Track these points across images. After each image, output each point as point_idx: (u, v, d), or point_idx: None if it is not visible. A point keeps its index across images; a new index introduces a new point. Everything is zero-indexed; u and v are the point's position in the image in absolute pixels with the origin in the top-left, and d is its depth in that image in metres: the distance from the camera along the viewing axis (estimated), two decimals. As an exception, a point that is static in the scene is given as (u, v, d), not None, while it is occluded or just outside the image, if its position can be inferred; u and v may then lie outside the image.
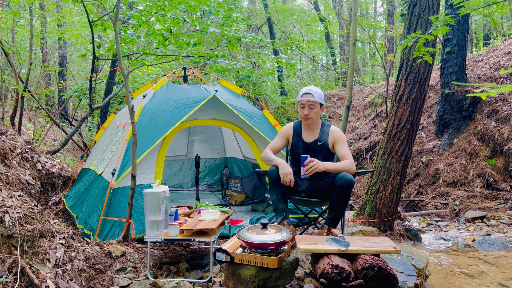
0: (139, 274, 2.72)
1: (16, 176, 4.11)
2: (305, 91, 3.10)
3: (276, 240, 2.32)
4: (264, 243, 2.31)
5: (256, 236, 2.36)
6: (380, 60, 11.75)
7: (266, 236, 2.35)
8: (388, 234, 4.05)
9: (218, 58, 6.31)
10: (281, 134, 3.24)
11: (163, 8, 5.25)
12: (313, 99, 3.05)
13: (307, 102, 3.07)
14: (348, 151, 3.05)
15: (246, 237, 2.35)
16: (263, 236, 2.36)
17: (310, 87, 3.15)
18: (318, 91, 3.11)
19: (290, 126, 3.25)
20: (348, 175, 2.81)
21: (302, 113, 3.10)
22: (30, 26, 6.40)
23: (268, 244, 2.30)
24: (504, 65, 7.37)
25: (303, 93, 3.10)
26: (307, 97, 3.06)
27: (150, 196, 2.61)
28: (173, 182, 6.18)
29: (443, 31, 3.40)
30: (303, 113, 3.09)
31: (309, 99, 3.06)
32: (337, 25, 16.12)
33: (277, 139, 3.22)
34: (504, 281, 3.01)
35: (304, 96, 3.08)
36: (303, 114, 3.09)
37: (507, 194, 5.58)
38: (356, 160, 8.08)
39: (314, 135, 3.16)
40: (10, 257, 2.34)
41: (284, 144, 3.23)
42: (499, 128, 6.24)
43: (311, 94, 3.07)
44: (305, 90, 3.11)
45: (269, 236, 2.35)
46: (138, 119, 3.78)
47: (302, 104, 3.09)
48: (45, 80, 10.98)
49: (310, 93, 3.08)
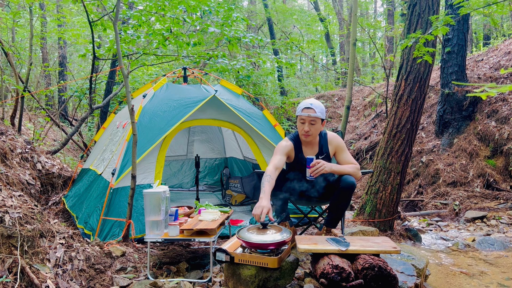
0: (139, 274, 2.73)
1: (16, 176, 4.11)
2: (306, 106, 2.84)
3: (276, 240, 2.31)
4: (264, 243, 2.31)
5: (256, 236, 2.36)
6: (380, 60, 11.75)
7: (266, 236, 2.35)
8: (388, 234, 4.05)
9: (218, 58, 6.31)
10: (281, 151, 2.92)
11: (163, 8, 5.25)
12: (315, 115, 2.81)
13: (308, 118, 2.82)
14: (351, 157, 2.99)
15: (246, 237, 2.35)
16: (263, 236, 2.36)
17: (311, 100, 2.88)
18: (320, 105, 2.87)
19: (289, 143, 2.98)
20: (350, 178, 2.79)
21: (302, 129, 2.87)
22: (30, 26, 6.40)
23: (268, 244, 2.30)
24: (504, 65, 7.37)
25: (303, 108, 2.84)
26: (308, 113, 2.81)
27: (150, 196, 2.61)
28: (173, 182, 6.18)
29: (443, 31, 3.40)
30: (303, 130, 2.85)
31: (310, 115, 2.81)
32: (337, 25, 16.12)
33: (279, 156, 2.88)
34: (504, 281, 3.01)
35: (305, 111, 2.83)
36: (303, 131, 2.86)
37: (507, 194, 5.58)
38: (356, 160, 8.08)
39: (314, 149, 2.99)
40: (10, 257, 2.34)
41: (284, 161, 2.92)
42: (499, 128, 6.25)
43: (312, 109, 2.82)
44: (305, 104, 2.85)
45: (269, 236, 2.35)
46: (138, 119, 3.78)
47: (302, 120, 2.85)
48: (45, 80, 10.99)
49: (311, 108, 2.82)
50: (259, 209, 2.42)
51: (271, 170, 2.70)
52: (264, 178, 2.65)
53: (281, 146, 2.95)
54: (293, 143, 2.98)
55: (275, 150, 2.95)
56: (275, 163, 2.79)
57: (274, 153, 2.92)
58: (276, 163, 2.80)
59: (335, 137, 3.03)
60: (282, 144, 2.97)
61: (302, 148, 2.99)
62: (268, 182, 2.60)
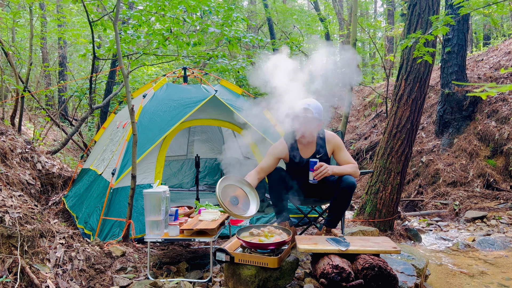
0: (139, 274, 2.72)
1: (16, 176, 4.11)
2: (303, 106, 2.79)
3: (276, 240, 2.32)
4: (264, 243, 2.31)
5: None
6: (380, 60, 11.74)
7: (266, 236, 2.35)
8: (388, 234, 4.05)
9: (218, 58, 6.31)
10: (272, 154, 2.87)
11: (163, 8, 5.25)
12: (312, 116, 2.78)
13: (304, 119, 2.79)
14: (349, 156, 2.99)
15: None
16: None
17: (308, 101, 2.82)
18: (318, 106, 2.81)
19: (282, 145, 2.92)
20: (351, 178, 2.79)
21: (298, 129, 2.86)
22: (30, 26, 6.40)
23: (268, 244, 2.31)
24: (504, 65, 7.37)
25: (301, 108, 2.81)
26: (305, 113, 2.78)
27: (150, 196, 2.61)
28: (173, 182, 6.18)
29: (443, 31, 3.40)
30: (300, 131, 2.85)
31: (308, 116, 2.78)
32: (337, 25, 16.12)
33: (267, 159, 2.85)
34: (504, 281, 3.01)
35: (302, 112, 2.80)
36: (300, 132, 2.85)
37: (507, 194, 5.58)
38: (356, 160, 8.08)
39: (311, 149, 2.96)
40: (10, 257, 2.34)
41: (274, 164, 2.88)
42: (499, 128, 6.25)
43: (310, 110, 2.77)
44: (303, 105, 2.80)
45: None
46: (138, 119, 3.78)
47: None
48: (45, 80, 10.98)
49: (308, 109, 2.77)
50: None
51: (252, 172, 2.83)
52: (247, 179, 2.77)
53: (272, 147, 2.96)
54: (289, 143, 2.95)
55: (268, 150, 2.95)
56: (261, 165, 2.87)
57: (266, 153, 2.94)
58: (262, 164, 2.87)
59: (333, 137, 3.00)
60: (275, 145, 2.96)
61: (298, 147, 2.96)
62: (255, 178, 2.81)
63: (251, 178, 2.78)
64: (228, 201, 2.60)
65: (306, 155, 2.96)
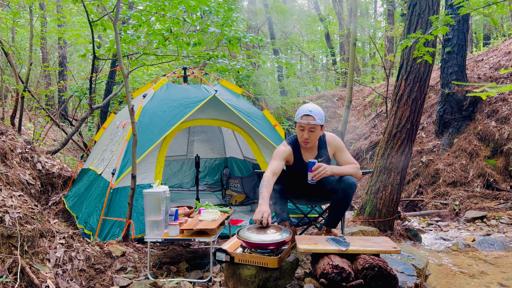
0: (139, 274, 2.72)
1: (16, 176, 4.11)
2: (305, 113, 2.79)
3: (276, 240, 2.32)
4: (264, 243, 2.31)
5: (256, 236, 2.36)
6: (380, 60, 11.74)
7: (266, 236, 2.35)
8: (388, 234, 4.05)
9: (218, 58, 6.31)
10: (280, 156, 2.89)
11: (163, 8, 5.25)
12: (314, 123, 2.78)
13: (307, 126, 2.80)
14: (350, 157, 2.99)
15: (246, 237, 2.35)
16: (263, 236, 2.36)
17: (310, 106, 2.82)
18: (319, 111, 2.82)
19: (287, 148, 2.95)
20: (351, 178, 2.79)
21: (301, 136, 2.85)
22: (30, 26, 6.40)
23: (268, 244, 2.30)
24: (504, 65, 7.37)
25: (302, 115, 2.81)
26: (307, 120, 2.78)
27: (150, 196, 2.61)
28: (173, 182, 6.18)
29: (443, 31, 3.40)
30: (303, 137, 2.83)
31: (310, 122, 2.78)
32: (337, 25, 16.12)
33: (277, 161, 2.86)
34: (504, 281, 3.01)
35: (304, 119, 2.79)
36: (303, 138, 2.84)
37: (507, 194, 5.58)
38: (356, 160, 8.08)
39: (313, 153, 2.98)
40: (10, 257, 2.34)
41: (283, 167, 2.92)
42: (499, 128, 6.25)
43: (312, 117, 2.78)
44: (304, 111, 2.80)
45: (269, 236, 2.35)
46: (138, 119, 3.78)
47: (302, 127, 2.83)
48: (45, 80, 10.98)
49: (310, 116, 2.78)
50: (260, 214, 2.44)
51: (268, 175, 2.71)
52: (262, 183, 2.65)
53: (279, 150, 2.93)
54: (292, 147, 2.96)
55: (274, 154, 2.93)
56: (272, 168, 2.79)
57: (272, 158, 2.92)
58: (273, 168, 2.79)
59: (334, 138, 3.01)
60: (280, 148, 2.95)
61: (301, 151, 2.98)
62: (266, 188, 2.61)
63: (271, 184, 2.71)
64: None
65: (308, 158, 2.97)
